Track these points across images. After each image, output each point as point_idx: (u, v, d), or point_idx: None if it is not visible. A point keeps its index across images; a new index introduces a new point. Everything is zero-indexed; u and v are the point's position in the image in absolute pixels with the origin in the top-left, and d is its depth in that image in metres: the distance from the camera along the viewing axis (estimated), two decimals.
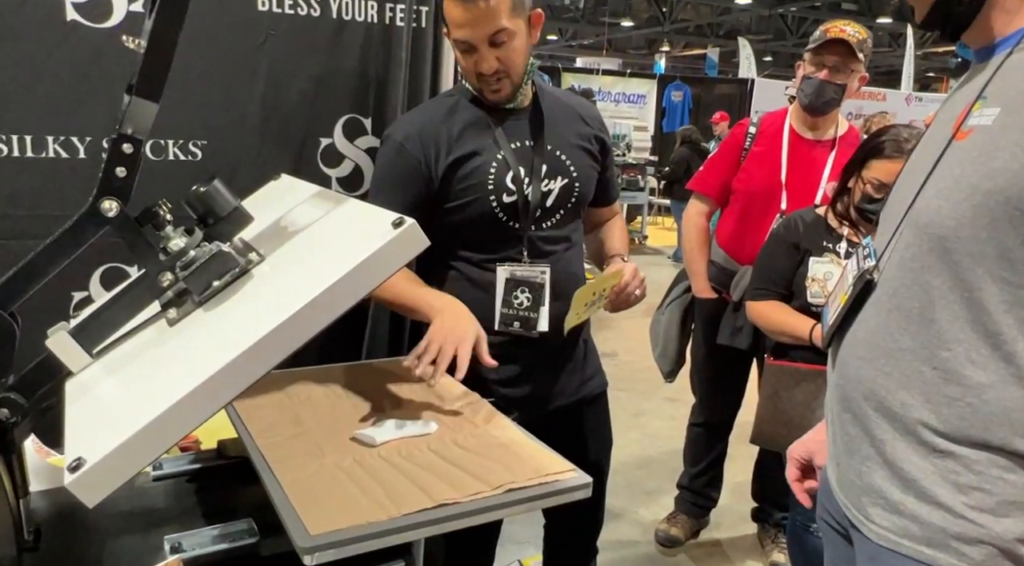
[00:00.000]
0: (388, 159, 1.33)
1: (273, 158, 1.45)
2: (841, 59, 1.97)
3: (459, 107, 1.33)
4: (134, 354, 0.86)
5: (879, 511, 0.84)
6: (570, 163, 1.38)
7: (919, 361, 0.80)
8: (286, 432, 1.08)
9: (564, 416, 1.44)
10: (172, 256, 0.86)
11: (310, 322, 0.74)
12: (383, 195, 1.31)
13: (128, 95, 0.87)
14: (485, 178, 1.31)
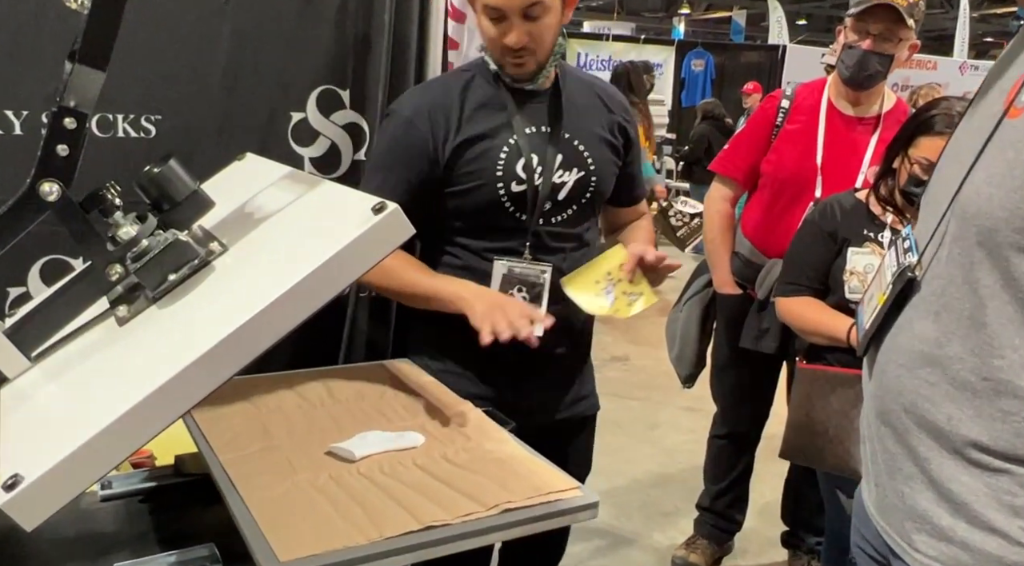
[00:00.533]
0: (393, 134, 1.35)
1: (237, 135, 1.45)
2: (888, 26, 1.95)
3: (474, 84, 1.37)
4: (79, 357, 0.86)
5: (925, 538, 0.84)
6: (588, 154, 1.40)
7: (968, 370, 0.80)
8: (252, 446, 1.08)
9: (550, 433, 1.42)
10: (122, 246, 0.86)
11: (279, 322, 0.74)
12: (382, 173, 1.34)
13: (70, 63, 0.87)
14: (494, 163, 1.33)
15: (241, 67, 1.44)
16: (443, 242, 1.39)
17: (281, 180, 1.03)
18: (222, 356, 0.73)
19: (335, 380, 1.33)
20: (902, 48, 2.01)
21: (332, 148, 1.55)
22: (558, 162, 1.37)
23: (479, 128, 1.33)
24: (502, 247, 1.37)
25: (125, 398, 0.69)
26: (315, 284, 0.76)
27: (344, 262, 0.77)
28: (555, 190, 1.37)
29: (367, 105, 1.55)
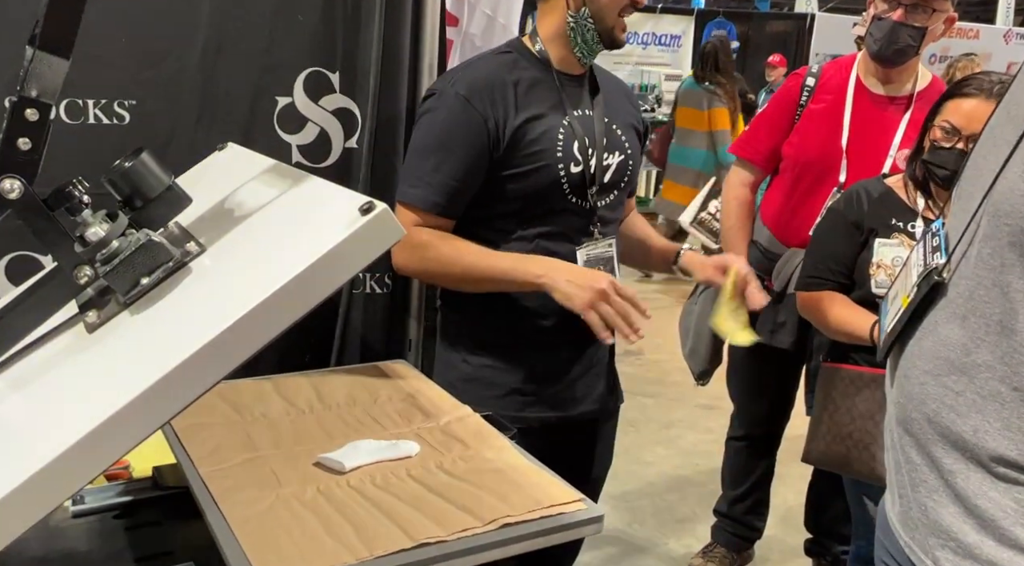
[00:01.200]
0: (448, 114, 1.35)
1: (219, 121, 1.44)
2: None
3: (520, 65, 1.41)
4: (46, 366, 0.85)
5: (949, 555, 0.84)
6: (625, 139, 1.49)
7: (997, 379, 0.79)
8: (235, 457, 1.07)
9: (582, 426, 1.51)
10: (90, 247, 0.85)
11: (261, 329, 0.74)
12: (438, 155, 1.36)
13: (31, 48, 0.86)
14: (554, 144, 1.38)
15: (222, 48, 1.43)
16: (487, 229, 1.41)
17: (263, 174, 1.02)
18: (201, 365, 0.72)
19: (326, 384, 1.33)
20: (936, 20, 1.97)
21: (321, 135, 1.54)
22: (601, 145, 1.43)
23: (536, 108, 1.38)
24: (553, 231, 1.41)
25: (98, 410, 0.69)
26: (299, 289, 0.75)
27: (330, 266, 0.75)
28: (603, 172, 1.44)
29: (358, 89, 1.53)
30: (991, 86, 1.55)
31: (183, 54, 1.40)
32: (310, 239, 0.79)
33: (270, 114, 1.49)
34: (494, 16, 2.19)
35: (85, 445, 0.68)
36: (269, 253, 0.83)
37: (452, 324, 1.48)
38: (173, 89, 1.41)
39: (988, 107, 1.48)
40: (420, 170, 1.36)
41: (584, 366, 1.47)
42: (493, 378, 1.40)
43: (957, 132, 1.56)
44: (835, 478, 2.20)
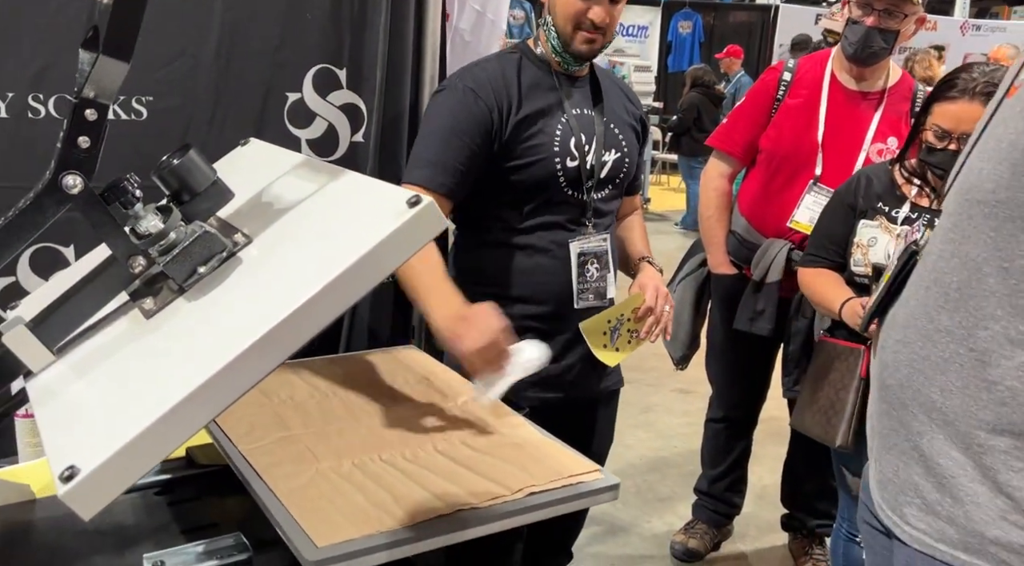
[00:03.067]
0: (453, 105, 1.45)
1: (231, 116, 1.50)
2: (893, 2, 2.03)
3: (524, 64, 1.51)
4: (108, 350, 0.92)
5: (915, 511, 0.92)
6: (622, 138, 1.58)
7: (956, 342, 0.87)
8: (270, 436, 1.15)
9: (583, 407, 1.61)
10: (149, 239, 0.91)
11: (321, 314, 0.81)
12: (443, 140, 1.44)
13: (86, 52, 0.92)
14: (551, 139, 1.47)
15: (234, 46, 1.48)
16: (489, 218, 1.51)
17: (298, 168, 1.09)
18: (268, 348, 0.79)
19: (344, 368, 1.40)
20: (908, 23, 2.09)
21: (329, 129, 1.60)
22: (600, 142, 1.52)
23: (536, 105, 1.47)
24: (555, 221, 1.50)
25: (177, 389, 0.76)
26: (352, 278, 0.82)
27: (381, 256, 0.82)
28: (600, 168, 1.53)
29: (364, 85, 1.60)
30: (974, 85, 1.64)
31: (197, 52, 1.46)
32: (360, 230, 0.85)
33: (280, 109, 1.55)
34: (483, 12, 2.26)
35: (171, 416, 0.75)
36: (319, 244, 0.90)
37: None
38: (188, 86, 1.46)
39: (973, 107, 1.61)
40: (428, 152, 1.44)
41: (579, 349, 1.55)
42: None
43: (948, 134, 1.66)
44: (809, 456, 2.33)
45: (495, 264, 1.51)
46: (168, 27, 1.43)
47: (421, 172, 1.43)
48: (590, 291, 1.54)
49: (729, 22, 11.31)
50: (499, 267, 1.51)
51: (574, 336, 1.55)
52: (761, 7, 11.48)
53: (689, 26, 10.66)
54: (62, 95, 1.37)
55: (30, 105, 1.35)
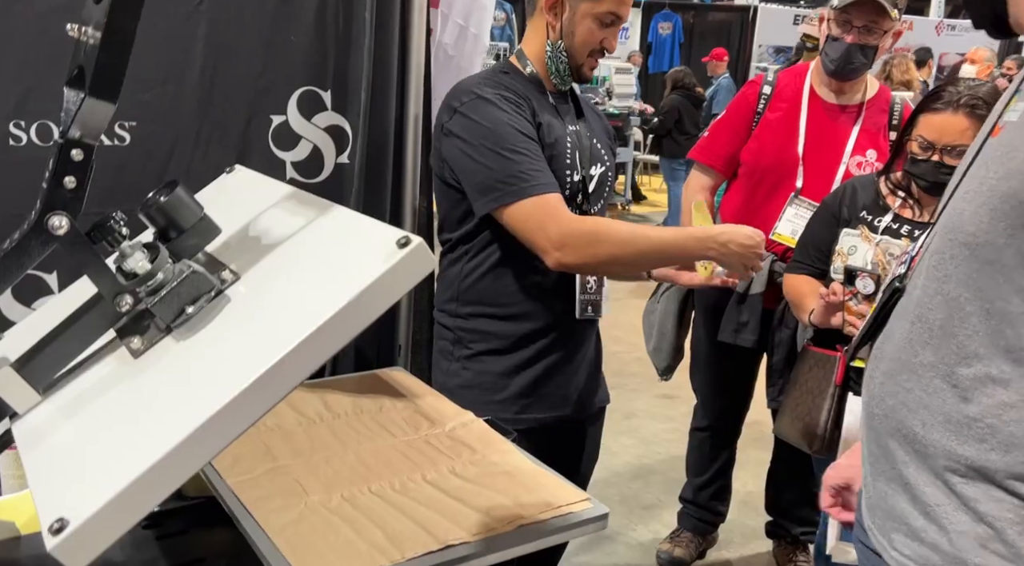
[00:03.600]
0: (498, 111, 1.40)
1: (215, 140, 1.49)
2: (871, 19, 2.05)
3: (519, 82, 1.50)
4: (96, 391, 0.91)
5: (901, 538, 0.94)
6: (603, 152, 1.60)
7: (939, 378, 0.89)
8: (258, 468, 1.14)
9: (571, 425, 1.62)
10: (137, 279, 0.91)
11: (311, 357, 0.81)
12: (524, 144, 1.39)
13: (71, 90, 0.92)
14: (564, 151, 1.48)
15: (218, 69, 1.48)
16: (495, 239, 1.47)
17: (284, 201, 1.09)
18: (261, 391, 0.79)
19: (331, 393, 1.40)
20: (886, 38, 2.12)
21: (314, 151, 1.60)
22: (587, 157, 1.54)
23: (544, 118, 1.47)
24: None
25: (169, 433, 0.75)
26: (344, 321, 0.82)
27: (371, 298, 0.82)
28: (590, 182, 1.54)
29: (350, 106, 1.60)
30: (958, 98, 1.68)
31: (181, 77, 1.45)
32: (349, 272, 0.86)
33: (265, 132, 1.55)
34: (466, 26, 2.26)
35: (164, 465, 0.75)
36: (308, 284, 0.90)
37: (449, 331, 1.56)
38: (172, 110, 1.45)
39: (956, 119, 1.66)
40: (524, 164, 1.37)
41: (575, 366, 1.58)
42: (493, 383, 1.50)
43: (932, 145, 1.70)
44: (792, 464, 2.36)
45: (500, 285, 1.50)
46: (152, 52, 1.42)
47: (539, 185, 1.37)
48: (589, 303, 1.56)
49: (708, 23, 11.38)
50: (504, 288, 1.50)
51: (569, 352, 1.56)
52: (740, 8, 11.56)
53: (669, 27, 10.71)
54: (44, 122, 1.36)
55: (11, 132, 1.33)
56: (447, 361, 1.55)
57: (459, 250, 1.52)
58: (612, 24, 1.46)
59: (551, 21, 1.46)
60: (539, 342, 1.51)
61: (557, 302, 1.52)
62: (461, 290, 1.52)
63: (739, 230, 1.43)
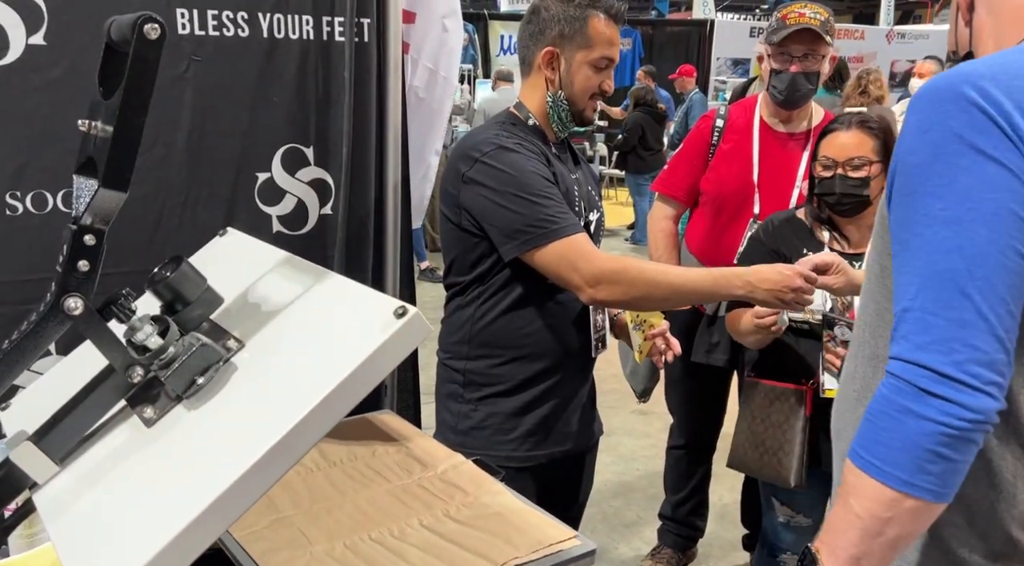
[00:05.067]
0: (521, 159, 1.46)
1: (204, 199, 1.55)
2: (809, 47, 2.19)
3: (525, 131, 1.56)
4: (113, 461, 0.97)
5: None
6: (597, 198, 1.68)
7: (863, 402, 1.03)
8: (262, 520, 1.20)
9: (573, 458, 1.69)
10: (150, 354, 0.97)
11: (317, 427, 0.88)
12: (548, 189, 1.46)
13: (81, 178, 0.98)
14: (573, 199, 1.55)
15: (205, 132, 1.54)
16: (510, 283, 1.53)
17: (281, 267, 1.15)
18: (272, 462, 0.86)
19: (324, 440, 1.45)
20: (825, 64, 2.26)
21: (299, 205, 1.67)
22: (584, 203, 1.61)
23: (556, 167, 1.54)
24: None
25: (192, 503, 0.82)
26: (347, 390, 0.89)
27: (371, 368, 0.89)
28: (588, 227, 1.60)
29: (331, 161, 1.67)
30: (850, 118, 1.88)
31: (169, 140, 1.51)
32: (350, 342, 0.92)
33: (251, 189, 1.61)
34: (435, 70, 2.34)
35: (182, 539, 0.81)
36: (310, 355, 0.96)
37: (458, 373, 1.60)
38: (161, 173, 1.51)
39: (851, 134, 1.84)
40: (548, 208, 1.44)
41: (578, 401, 1.64)
42: (503, 424, 1.55)
43: (835, 162, 1.83)
44: None
45: (514, 327, 1.55)
46: None
47: (568, 227, 1.44)
48: (600, 339, 1.64)
49: (667, 37, 11.61)
50: (518, 330, 1.55)
51: (572, 387, 1.63)
52: (697, 22, 11.81)
53: (629, 43, 10.91)
54: (39, 191, 1.41)
55: (8, 203, 1.38)
56: (457, 403, 1.59)
57: (470, 293, 1.56)
58: (607, 67, 1.54)
59: (549, 76, 1.54)
60: (549, 381, 1.57)
61: (570, 341, 1.58)
62: (473, 332, 1.56)
63: (768, 268, 1.49)
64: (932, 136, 0.87)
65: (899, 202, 0.91)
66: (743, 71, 10.01)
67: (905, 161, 0.91)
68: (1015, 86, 0.85)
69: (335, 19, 1.62)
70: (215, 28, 1.51)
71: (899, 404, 0.85)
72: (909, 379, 0.85)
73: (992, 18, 0.99)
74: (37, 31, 1.37)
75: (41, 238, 1.40)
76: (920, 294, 0.86)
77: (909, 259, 0.88)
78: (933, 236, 0.86)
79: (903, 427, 0.84)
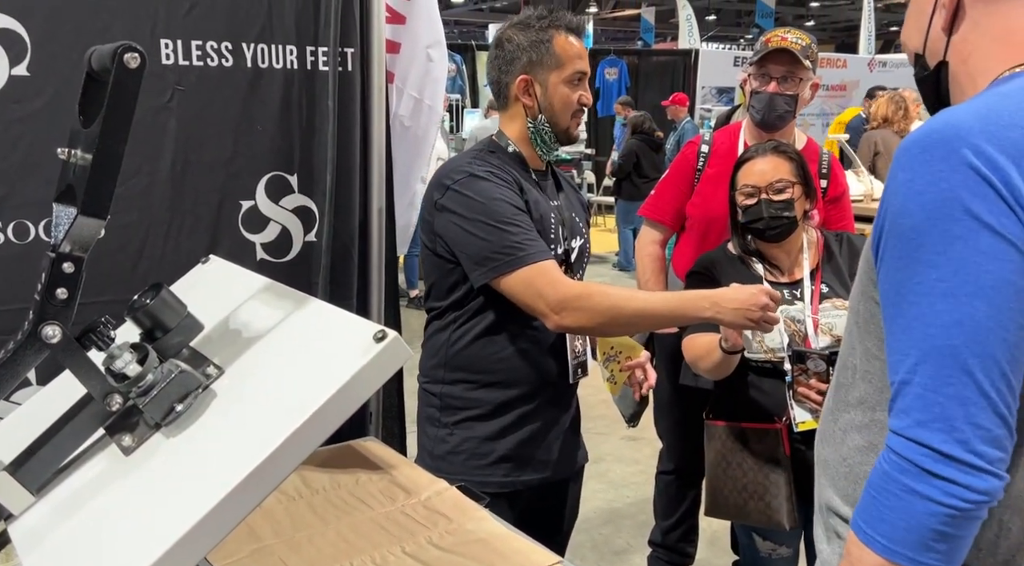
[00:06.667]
0: (491, 187, 1.48)
1: (186, 228, 1.55)
2: (787, 69, 2.23)
3: (504, 159, 1.57)
4: (90, 491, 0.96)
5: None
6: (581, 224, 1.68)
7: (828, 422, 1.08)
8: (243, 549, 1.19)
9: (555, 486, 1.68)
10: (128, 382, 0.97)
11: (296, 451, 0.87)
12: (515, 217, 1.47)
13: (60, 206, 0.98)
14: (548, 227, 1.56)
15: (188, 160, 1.54)
16: (487, 307, 1.54)
17: (261, 294, 1.15)
18: (250, 488, 0.85)
19: (307, 468, 1.45)
20: (804, 87, 2.30)
21: (283, 232, 1.67)
22: (568, 230, 1.61)
23: (530, 195, 1.54)
24: None
25: (168, 532, 0.81)
26: (327, 415, 0.88)
27: (351, 392, 0.89)
28: (570, 255, 1.61)
29: (315, 188, 1.68)
30: (764, 145, 1.92)
31: (153, 168, 1.51)
32: (329, 366, 0.92)
33: (235, 217, 1.61)
34: (420, 98, 2.37)
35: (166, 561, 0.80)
36: (290, 379, 0.96)
37: (435, 397, 1.60)
38: (144, 202, 1.51)
39: (768, 159, 1.86)
40: (517, 236, 1.45)
41: (559, 428, 1.64)
42: (478, 448, 1.54)
43: (757, 188, 1.85)
44: None
45: (488, 352, 1.55)
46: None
47: (530, 251, 1.44)
48: (579, 365, 1.64)
49: (653, 66, 11.77)
50: (492, 354, 1.55)
51: (554, 414, 1.62)
52: (682, 52, 11.98)
53: (615, 72, 11.05)
54: (20, 221, 1.41)
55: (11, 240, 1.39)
56: (434, 427, 1.59)
57: (447, 318, 1.57)
58: (581, 81, 1.56)
59: (527, 102, 1.55)
60: (525, 407, 1.57)
61: (546, 367, 1.58)
62: (449, 356, 1.56)
63: (736, 288, 1.49)
64: (926, 199, 0.84)
65: (892, 264, 0.89)
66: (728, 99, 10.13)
67: (898, 223, 0.88)
68: (1008, 139, 0.83)
69: (319, 49, 1.64)
70: (199, 58, 1.53)
71: (902, 483, 0.84)
72: (911, 458, 0.84)
73: (977, 35, 0.95)
74: (20, 62, 1.38)
75: (22, 268, 1.40)
76: (919, 368, 0.84)
77: (904, 326, 0.87)
78: (930, 308, 0.84)
79: (907, 507, 0.84)
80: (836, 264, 1.89)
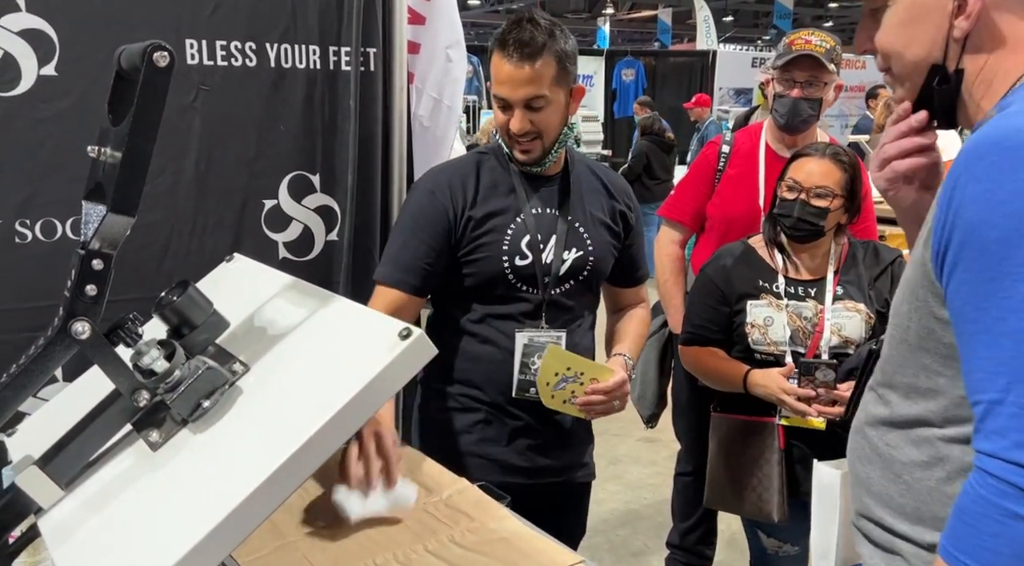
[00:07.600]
0: (418, 203, 1.55)
1: (210, 228, 1.56)
2: (812, 74, 2.21)
3: (488, 166, 1.58)
4: (118, 486, 0.96)
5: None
6: (588, 236, 1.61)
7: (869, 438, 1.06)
8: (267, 545, 1.20)
9: (554, 493, 1.66)
10: (156, 378, 0.97)
11: (323, 448, 0.88)
12: (404, 236, 1.55)
13: (90, 204, 0.99)
14: (500, 238, 1.53)
15: (212, 159, 1.56)
16: (452, 305, 1.59)
17: (287, 291, 1.16)
18: (278, 484, 0.85)
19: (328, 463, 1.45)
20: (828, 90, 2.28)
21: (305, 231, 1.68)
22: (561, 242, 1.57)
23: (490, 206, 1.54)
24: (507, 313, 1.56)
25: (195, 527, 0.81)
26: (353, 411, 0.89)
27: (376, 389, 0.90)
28: (556, 266, 1.57)
29: (337, 187, 1.69)
30: (825, 148, 1.88)
31: (178, 168, 1.53)
32: (355, 363, 0.92)
33: (258, 216, 1.62)
34: (440, 99, 2.37)
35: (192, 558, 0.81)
36: (316, 376, 0.96)
37: (433, 398, 1.62)
38: (169, 201, 1.53)
39: (822, 163, 1.83)
40: (392, 250, 1.55)
41: (531, 438, 1.61)
42: (477, 450, 1.56)
43: (799, 186, 1.83)
44: None
45: (447, 346, 1.57)
46: None
47: (383, 269, 1.54)
48: (532, 384, 1.55)
49: (670, 67, 11.73)
50: (451, 350, 1.58)
51: (520, 424, 1.60)
52: (700, 53, 11.93)
53: (632, 73, 11.02)
54: (48, 219, 1.43)
55: (17, 230, 1.40)
56: (428, 427, 1.65)
57: (431, 314, 1.66)
58: (505, 108, 1.48)
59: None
60: (481, 407, 1.58)
61: (501, 375, 1.56)
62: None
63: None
64: (1012, 208, 0.81)
65: (969, 278, 0.85)
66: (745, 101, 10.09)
67: (977, 235, 0.84)
68: None
69: (341, 49, 1.65)
70: (223, 58, 1.54)
71: (1003, 507, 0.80)
72: (1013, 481, 0.80)
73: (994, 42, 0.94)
74: (49, 62, 1.39)
75: (49, 265, 1.42)
76: (1014, 387, 0.80)
77: (989, 343, 0.83)
78: (1020, 324, 0.80)
79: (1012, 532, 0.80)
80: (857, 270, 1.88)
